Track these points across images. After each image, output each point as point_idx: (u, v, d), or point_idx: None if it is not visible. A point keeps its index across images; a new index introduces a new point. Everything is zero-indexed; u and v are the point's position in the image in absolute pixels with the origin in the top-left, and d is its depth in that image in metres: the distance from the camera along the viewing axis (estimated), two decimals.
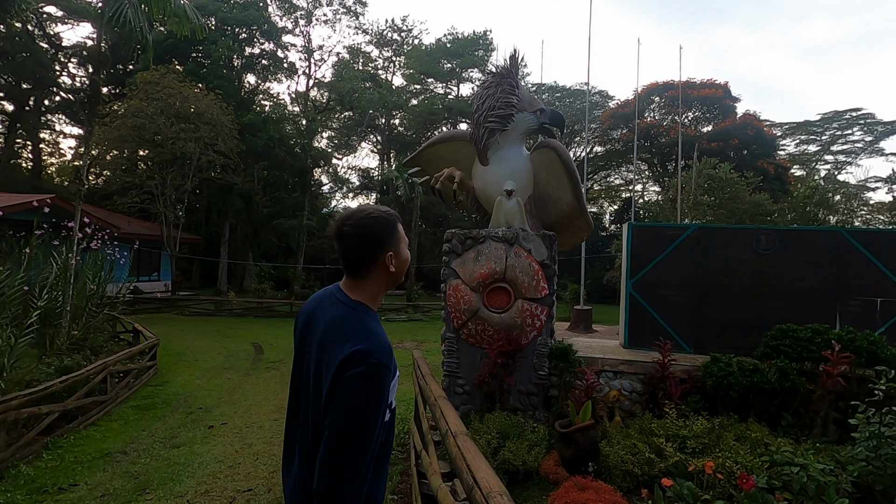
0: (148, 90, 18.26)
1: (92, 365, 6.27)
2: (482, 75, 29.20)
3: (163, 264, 22.17)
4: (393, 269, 1.43)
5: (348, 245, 1.40)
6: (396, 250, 1.43)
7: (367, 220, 1.41)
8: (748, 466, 3.39)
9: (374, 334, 1.32)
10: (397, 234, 1.44)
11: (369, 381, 1.24)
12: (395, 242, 1.43)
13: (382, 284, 1.46)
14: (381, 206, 1.48)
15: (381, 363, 1.27)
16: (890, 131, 28.59)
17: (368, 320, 1.36)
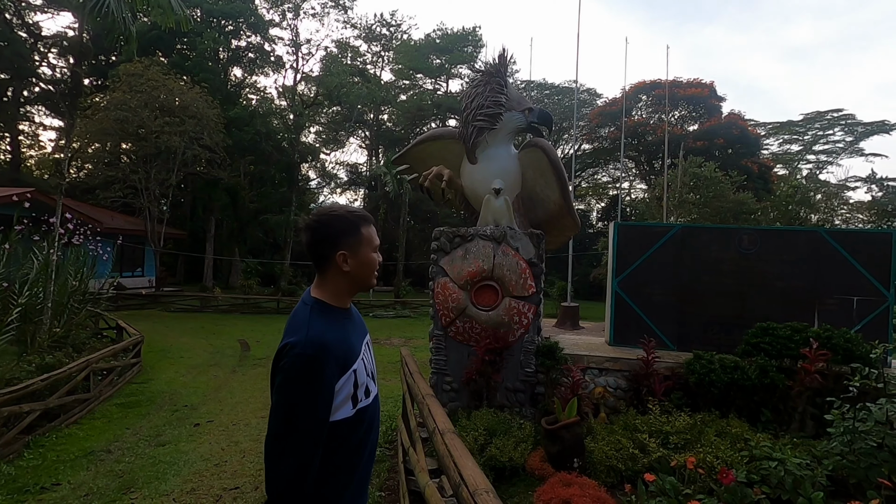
0: (131, 82, 17.93)
1: (74, 362, 6.18)
2: (471, 72, 29.16)
3: (147, 260, 21.85)
4: (347, 270, 1.41)
5: (305, 239, 1.43)
6: (353, 251, 1.41)
7: (326, 216, 1.42)
8: (728, 461, 3.48)
9: (310, 327, 1.31)
10: (358, 236, 1.42)
11: (295, 374, 1.24)
12: (354, 244, 1.41)
13: (342, 284, 1.44)
14: (358, 207, 1.47)
15: (308, 355, 1.25)
16: (870, 132, 29.21)
17: (315, 315, 1.35)
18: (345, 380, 1.33)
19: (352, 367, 1.36)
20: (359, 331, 1.52)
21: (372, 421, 1.48)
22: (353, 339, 1.43)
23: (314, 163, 30.63)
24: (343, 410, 1.35)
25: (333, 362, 1.29)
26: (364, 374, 1.42)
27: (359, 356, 1.41)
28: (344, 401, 1.34)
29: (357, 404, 1.38)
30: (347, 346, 1.37)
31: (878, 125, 28.75)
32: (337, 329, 1.37)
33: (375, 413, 1.51)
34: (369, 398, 1.45)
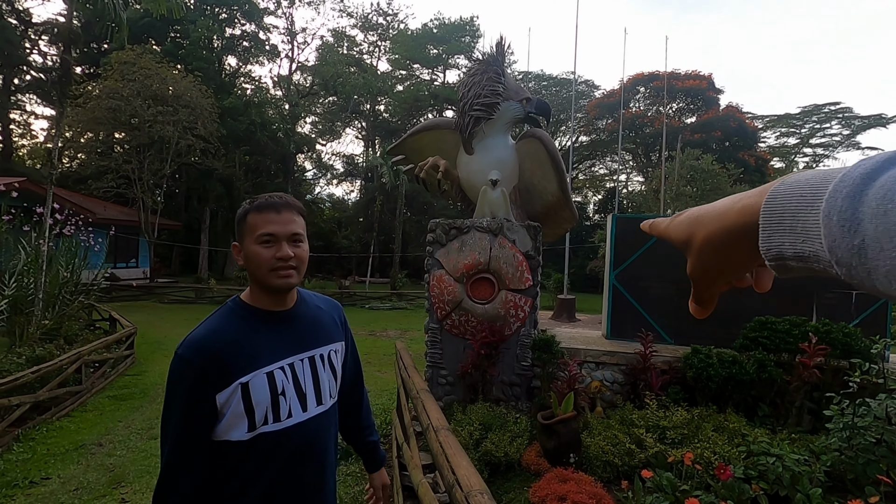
0: (123, 71, 17.67)
1: (65, 354, 6.10)
2: (469, 62, 28.94)
3: (141, 251, 21.68)
4: (241, 263, 1.25)
5: None
6: (241, 243, 1.24)
7: None
8: (726, 457, 3.45)
9: (199, 326, 1.19)
10: (243, 225, 1.23)
11: (169, 375, 1.15)
12: (241, 234, 1.25)
13: (252, 278, 1.26)
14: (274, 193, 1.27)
15: (178, 354, 1.14)
16: (867, 125, 29.20)
17: (218, 314, 1.23)
18: (228, 394, 1.13)
19: (238, 379, 1.14)
20: (291, 340, 1.26)
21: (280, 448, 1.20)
22: (260, 346, 1.19)
23: (310, 153, 30.43)
24: (236, 431, 1.16)
25: (208, 367, 1.12)
26: (266, 391, 1.17)
27: (261, 368, 1.17)
28: (235, 420, 1.15)
29: (257, 427, 1.16)
30: (240, 353, 1.16)
31: (876, 119, 28.73)
32: (233, 331, 1.18)
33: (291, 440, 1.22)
34: (282, 423, 1.20)
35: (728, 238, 0.42)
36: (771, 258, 0.38)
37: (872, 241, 0.30)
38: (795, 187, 0.36)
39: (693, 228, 0.46)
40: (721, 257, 0.44)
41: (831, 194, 0.32)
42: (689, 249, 0.47)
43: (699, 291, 0.48)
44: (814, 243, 0.34)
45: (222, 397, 1.13)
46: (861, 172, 0.31)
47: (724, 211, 0.43)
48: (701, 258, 0.45)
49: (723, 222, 0.42)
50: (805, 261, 0.35)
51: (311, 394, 1.28)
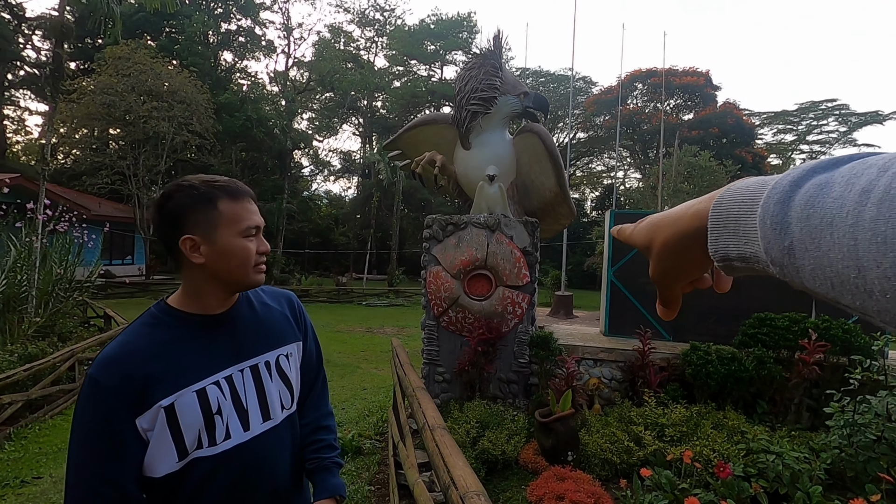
0: (118, 66, 17.50)
1: (59, 352, 6.03)
2: (466, 58, 28.81)
3: (136, 247, 21.58)
4: (201, 261, 1.02)
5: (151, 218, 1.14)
6: (208, 234, 1.01)
7: (172, 187, 1.04)
8: (725, 454, 3.41)
9: (115, 340, 1.01)
10: (212, 213, 1.02)
11: (78, 402, 0.97)
12: (207, 223, 1.01)
13: (198, 281, 1.05)
14: (230, 179, 1.09)
15: (89, 375, 0.96)
16: (863, 122, 29.20)
17: (137, 324, 1.05)
18: (150, 418, 0.96)
19: (158, 402, 0.96)
20: (230, 349, 1.09)
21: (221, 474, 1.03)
22: (186, 360, 1.02)
23: (307, 150, 30.28)
24: (163, 463, 0.98)
25: (121, 389, 0.94)
26: (199, 411, 1.00)
27: (188, 386, 1.00)
28: (160, 449, 0.97)
29: (188, 454, 0.99)
30: (157, 370, 0.98)
31: (872, 115, 28.75)
32: (153, 345, 1.00)
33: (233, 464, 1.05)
34: (218, 447, 1.03)
35: (682, 241, 0.46)
36: (718, 259, 0.41)
37: (799, 243, 0.32)
38: (738, 193, 0.39)
39: (652, 234, 0.49)
40: (678, 260, 0.47)
41: (765, 200, 0.35)
42: (650, 253, 0.50)
43: (662, 293, 0.52)
44: (753, 245, 0.37)
45: (142, 423, 0.96)
46: (790, 180, 0.34)
47: (679, 216, 0.46)
48: (660, 261, 0.49)
49: (677, 227, 0.46)
50: (747, 261, 0.38)
51: (254, 409, 1.10)
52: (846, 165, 0.32)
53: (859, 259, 0.29)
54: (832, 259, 0.30)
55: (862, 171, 0.30)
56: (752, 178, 0.40)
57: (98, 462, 0.94)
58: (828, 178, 0.32)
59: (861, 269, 0.29)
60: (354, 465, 4.13)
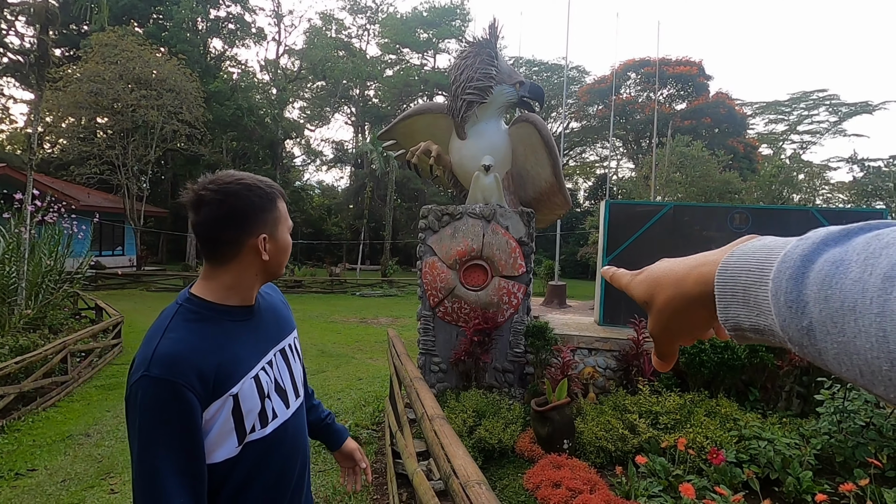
0: (104, 53, 17.16)
1: (50, 344, 5.97)
2: (459, 46, 28.58)
3: (126, 238, 21.35)
4: (267, 258, 1.08)
5: (204, 217, 1.04)
6: (273, 233, 1.09)
7: (236, 186, 1.05)
8: (718, 441, 3.47)
9: (162, 338, 0.98)
10: (276, 213, 1.11)
11: (141, 406, 0.92)
12: (273, 222, 1.10)
13: (248, 275, 1.09)
14: (263, 177, 1.14)
15: (153, 377, 0.92)
16: (853, 112, 29.40)
17: (178, 320, 1.03)
18: (217, 407, 0.99)
19: (229, 391, 1.00)
20: (263, 336, 1.15)
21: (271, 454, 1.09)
22: (241, 349, 1.07)
23: (298, 139, 30.01)
24: (223, 449, 1.01)
25: (195, 385, 0.95)
26: (255, 396, 1.06)
27: (249, 373, 1.06)
28: (222, 436, 1.00)
29: (245, 438, 1.04)
30: (222, 362, 1.01)
31: (862, 106, 28.95)
32: (209, 338, 1.02)
33: (280, 443, 1.12)
34: (268, 427, 1.09)
35: (687, 304, 0.44)
36: (730, 328, 0.39)
37: (819, 325, 0.31)
38: (744, 260, 0.38)
39: (653, 290, 0.48)
40: (681, 320, 0.46)
41: (776, 274, 0.34)
42: (649, 309, 0.49)
43: (661, 347, 0.50)
44: (767, 318, 0.35)
45: (206, 415, 0.98)
46: (801, 253, 0.33)
47: (682, 277, 0.45)
48: (661, 319, 0.47)
49: (681, 289, 0.44)
50: (762, 333, 0.37)
51: (290, 389, 1.19)
52: (859, 239, 0.31)
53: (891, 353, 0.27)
54: (859, 347, 0.29)
55: (879, 251, 0.29)
56: (756, 241, 0.39)
57: (193, 460, 0.95)
58: (841, 254, 0.31)
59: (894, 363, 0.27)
60: None
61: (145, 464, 0.92)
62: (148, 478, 0.91)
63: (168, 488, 0.91)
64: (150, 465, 0.91)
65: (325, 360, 7.96)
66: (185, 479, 0.93)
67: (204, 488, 0.98)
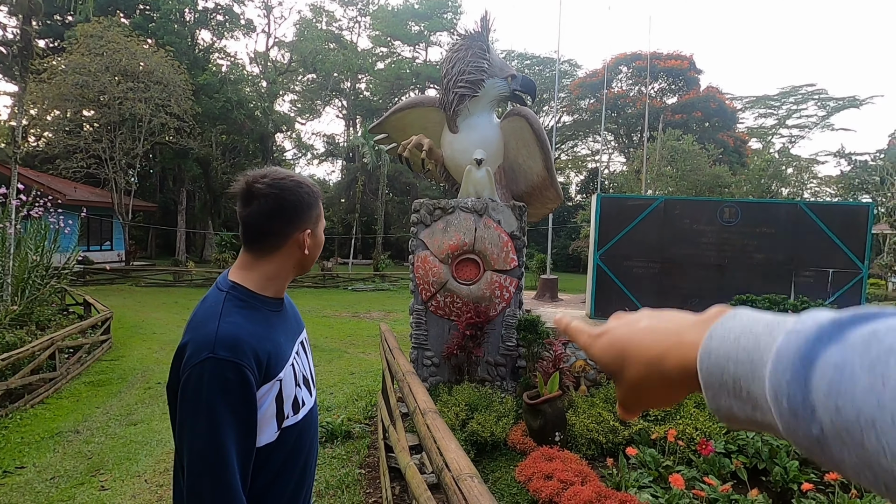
0: (90, 44, 16.85)
1: (38, 340, 5.90)
2: (451, 39, 28.42)
3: (115, 233, 21.09)
4: (307, 252, 1.16)
5: (257, 209, 1.09)
6: (314, 229, 1.18)
7: (290, 183, 1.13)
8: (707, 432, 3.52)
9: (222, 321, 1.02)
10: (319, 210, 1.20)
11: (206, 386, 0.96)
12: (316, 219, 1.18)
13: (286, 267, 1.17)
14: (305, 175, 1.24)
15: (220, 359, 0.97)
16: (841, 107, 29.72)
17: (230, 305, 1.07)
18: (265, 391, 1.04)
19: (277, 376, 1.07)
20: (291, 328, 1.22)
21: (300, 440, 1.16)
22: (280, 337, 1.13)
23: (289, 133, 29.76)
24: (265, 434, 1.06)
25: (255, 367, 1.01)
26: (293, 383, 1.13)
27: (288, 361, 1.13)
28: (266, 420, 1.06)
29: (283, 423, 1.10)
30: (272, 347, 1.08)
31: (849, 100, 29.27)
32: (258, 324, 1.08)
33: (307, 430, 1.20)
34: (299, 414, 1.15)
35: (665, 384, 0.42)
36: (723, 418, 0.37)
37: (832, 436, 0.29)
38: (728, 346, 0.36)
39: (621, 362, 0.45)
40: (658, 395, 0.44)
41: (774, 374, 0.32)
42: (617, 379, 0.46)
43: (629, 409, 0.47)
44: (766, 415, 0.33)
45: (258, 395, 1.03)
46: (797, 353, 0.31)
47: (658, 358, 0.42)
48: (634, 394, 0.45)
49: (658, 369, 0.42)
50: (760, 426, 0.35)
51: (310, 378, 1.28)
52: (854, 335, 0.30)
53: None
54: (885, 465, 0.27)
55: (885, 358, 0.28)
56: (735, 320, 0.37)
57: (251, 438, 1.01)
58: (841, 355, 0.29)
59: None
60: (345, 448, 4.16)
61: (214, 441, 0.96)
62: (217, 453, 0.95)
63: (232, 466, 0.96)
64: (217, 442, 0.96)
65: (317, 354, 7.95)
66: (242, 458, 0.99)
67: (250, 468, 1.03)
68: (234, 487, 0.96)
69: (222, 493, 0.95)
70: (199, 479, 0.95)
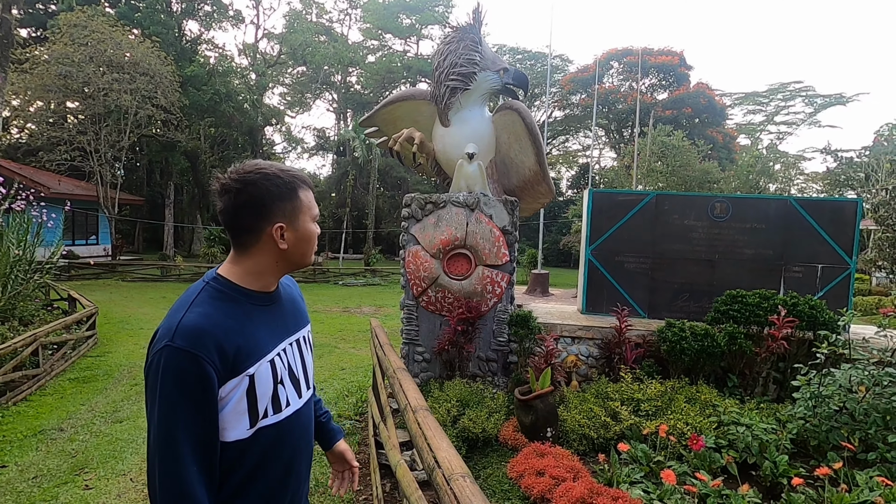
0: (73, 34, 16.48)
1: (20, 336, 5.77)
2: (443, 33, 28.25)
3: (101, 227, 20.75)
4: (285, 247, 1.11)
5: (225, 205, 1.08)
6: (291, 222, 1.12)
7: (255, 175, 1.08)
8: (698, 427, 3.52)
9: (188, 311, 1.01)
10: (296, 203, 1.12)
11: (161, 374, 0.95)
12: (292, 212, 1.12)
13: (268, 262, 1.13)
14: (291, 167, 1.18)
15: (174, 348, 0.95)
16: (827, 104, 30.06)
17: (204, 296, 1.06)
18: (232, 385, 1.01)
19: (246, 371, 1.03)
20: (281, 324, 1.18)
21: (281, 440, 1.13)
22: (259, 332, 1.10)
23: (279, 126, 29.44)
24: (235, 430, 1.03)
25: (215, 359, 0.98)
26: (270, 380, 1.09)
27: (266, 356, 1.09)
28: (235, 415, 1.03)
29: (258, 421, 1.07)
30: (243, 341, 1.05)
31: (836, 97, 29.61)
32: (231, 317, 1.05)
33: (291, 431, 1.16)
34: (282, 413, 1.12)
35: None
36: None
37: None
38: None
39: None
40: None
41: None
42: None
43: None
44: None
45: (223, 392, 1.01)
46: None
47: None
48: None
49: None
50: None
51: (302, 379, 1.23)
52: None
53: None
54: None
55: None
56: None
57: (208, 430, 0.99)
58: None
59: None
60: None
61: (164, 430, 0.95)
62: (166, 443, 0.95)
63: (184, 454, 0.95)
64: (168, 432, 0.95)
65: None
66: (199, 447, 0.97)
67: (216, 461, 1.01)
68: (183, 476, 0.94)
69: (171, 481, 0.94)
70: (152, 465, 0.96)
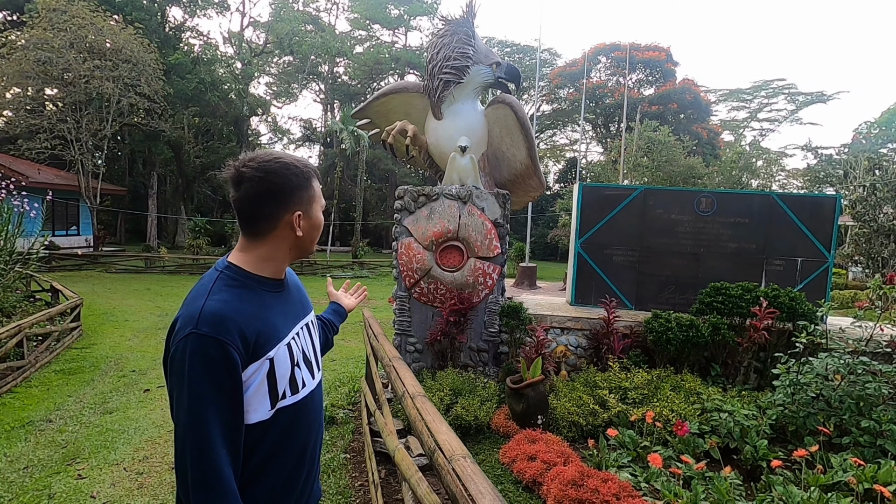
0: (52, 19, 16.04)
1: (4, 328, 5.69)
2: (431, 24, 28.11)
3: (82, 217, 20.35)
4: (300, 234, 1.16)
5: (245, 193, 1.10)
6: (307, 210, 1.17)
7: (275, 164, 1.12)
8: (683, 414, 3.65)
9: (208, 299, 1.04)
10: (311, 191, 1.18)
11: (188, 361, 0.98)
12: (308, 200, 1.17)
13: (281, 250, 1.17)
14: (299, 156, 1.23)
15: (201, 334, 0.98)
16: (809, 101, 30.64)
17: (221, 284, 1.09)
18: (254, 369, 1.05)
19: (266, 354, 1.07)
20: (291, 309, 1.23)
21: (298, 420, 1.18)
22: (275, 317, 1.14)
23: (265, 116, 29.05)
24: (257, 412, 1.07)
25: (239, 344, 1.01)
26: (289, 363, 1.14)
27: (283, 340, 1.13)
28: (257, 398, 1.07)
29: (277, 403, 1.11)
30: (262, 326, 1.08)
31: (817, 95, 30.19)
32: (249, 303, 1.09)
33: (307, 412, 1.21)
34: (299, 394, 1.17)
35: None
36: None
37: None
38: None
39: None
40: None
41: None
42: None
43: None
44: None
45: (245, 376, 1.04)
46: None
47: None
48: None
49: None
50: None
51: (314, 360, 1.28)
52: None
53: None
54: None
55: None
56: None
57: (235, 413, 1.01)
58: None
59: None
60: (329, 434, 4.17)
61: (194, 415, 0.97)
62: (196, 427, 0.97)
63: (214, 437, 0.98)
64: (198, 417, 0.97)
65: None
66: (227, 430, 1.00)
67: (241, 443, 1.04)
68: (215, 461, 0.97)
69: (204, 465, 0.96)
70: (183, 451, 0.98)
